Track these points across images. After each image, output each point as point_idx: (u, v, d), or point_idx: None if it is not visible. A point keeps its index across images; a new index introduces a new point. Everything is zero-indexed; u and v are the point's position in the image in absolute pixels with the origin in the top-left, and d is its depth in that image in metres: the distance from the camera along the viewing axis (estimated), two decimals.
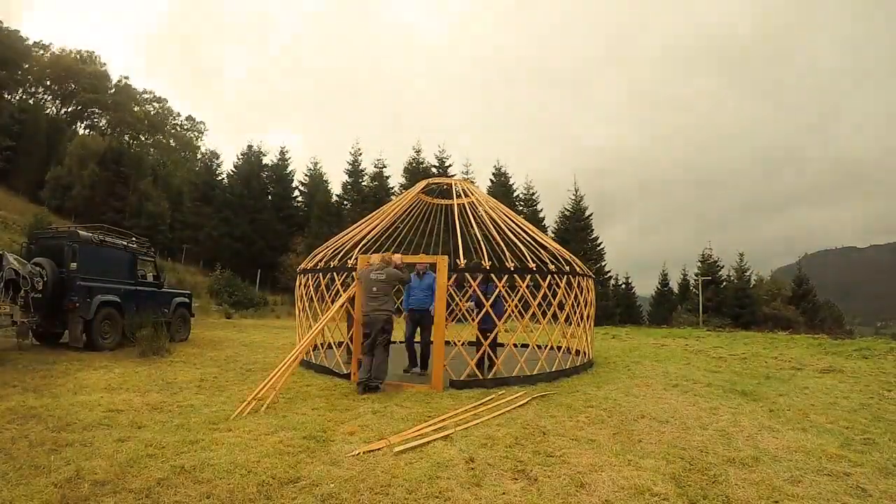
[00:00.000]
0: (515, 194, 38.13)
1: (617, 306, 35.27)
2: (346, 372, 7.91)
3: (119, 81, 65.82)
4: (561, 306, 8.60)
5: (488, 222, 9.39)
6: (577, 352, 9.54)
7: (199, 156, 59.58)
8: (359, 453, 4.38)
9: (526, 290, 8.13)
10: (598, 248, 37.32)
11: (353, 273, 7.92)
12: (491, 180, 38.81)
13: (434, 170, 37.98)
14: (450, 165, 38.75)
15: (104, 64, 65.20)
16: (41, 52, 59.97)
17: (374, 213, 10.40)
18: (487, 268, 7.80)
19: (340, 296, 7.82)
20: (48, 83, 58.86)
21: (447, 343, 7.62)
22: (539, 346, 8.63)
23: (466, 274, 7.88)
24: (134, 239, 11.72)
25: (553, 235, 35.41)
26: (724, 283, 37.78)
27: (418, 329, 8.38)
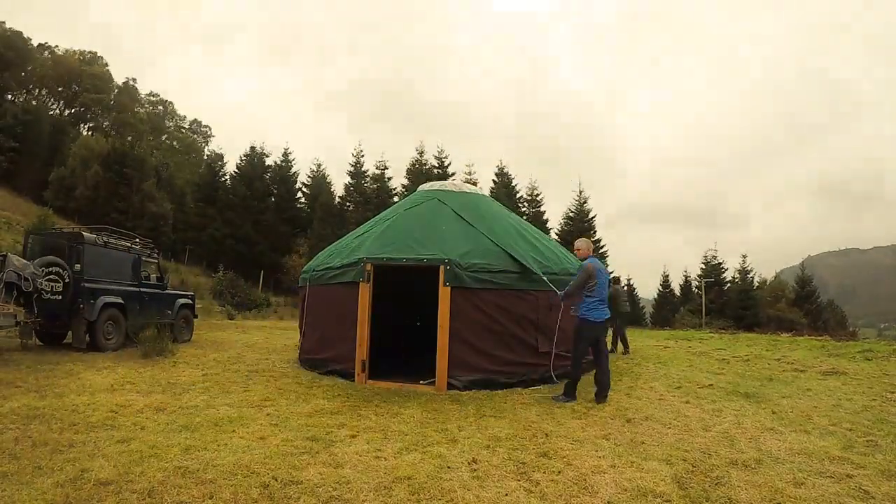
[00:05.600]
0: (518, 195, 38.12)
1: None
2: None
3: (124, 82, 66.17)
4: None
5: None
6: None
7: (204, 156, 59.78)
8: None
9: None
10: (602, 249, 37.30)
11: None
12: (493, 181, 38.84)
13: (436, 171, 38.04)
14: (449, 165, 38.81)
15: (106, 65, 65.48)
16: (44, 53, 60.27)
17: (377, 216, 10.43)
18: None
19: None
20: (51, 84, 59.13)
21: None
22: None
23: None
24: (137, 240, 11.75)
25: (557, 237, 35.41)
26: (728, 285, 37.73)
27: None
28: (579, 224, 37.07)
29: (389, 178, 39.19)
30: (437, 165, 38.75)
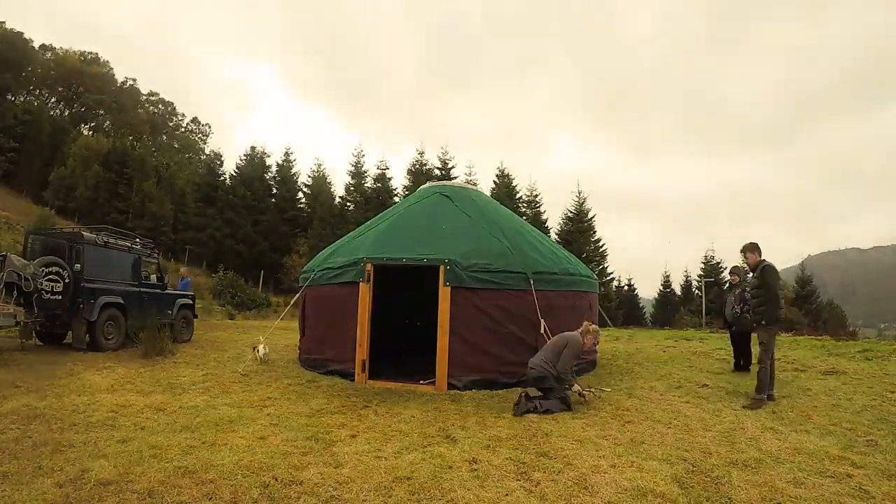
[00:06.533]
0: (518, 196, 38.11)
1: (619, 308, 35.23)
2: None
3: (124, 83, 66.20)
4: None
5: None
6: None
7: (203, 156, 59.78)
8: None
9: None
10: (601, 249, 37.29)
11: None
12: (494, 182, 38.83)
13: (437, 171, 38.04)
14: (453, 167, 38.81)
15: (109, 66, 65.55)
16: (45, 53, 60.29)
17: (378, 216, 10.44)
18: None
19: None
20: (52, 84, 59.16)
21: None
22: None
23: None
24: (137, 240, 11.75)
25: (556, 237, 35.41)
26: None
27: None
28: (578, 224, 37.07)
29: (390, 178, 39.23)
30: (439, 166, 38.75)
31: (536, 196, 38.61)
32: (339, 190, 41.67)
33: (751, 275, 7.61)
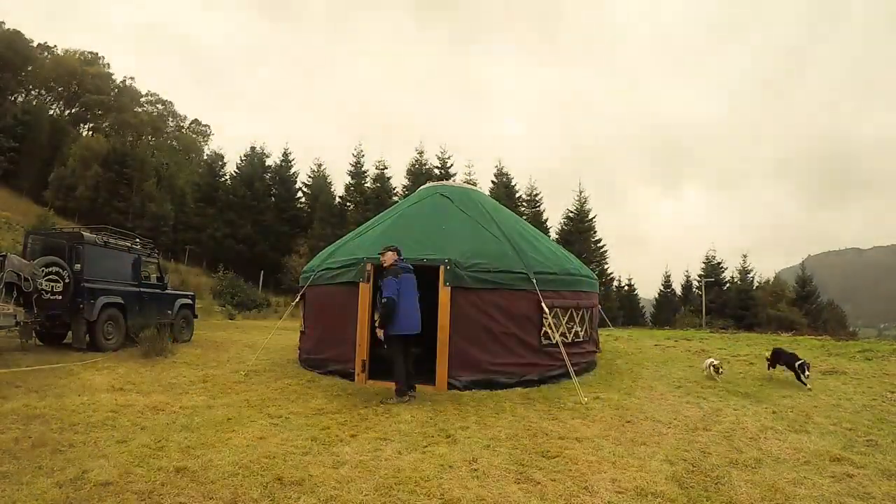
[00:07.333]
0: (518, 195, 38.13)
1: (620, 308, 35.25)
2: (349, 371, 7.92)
3: (123, 82, 66.21)
4: None
5: None
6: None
7: (204, 156, 59.74)
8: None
9: None
10: (602, 249, 37.30)
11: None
12: (493, 181, 38.85)
13: (437, 171, 38.07)
14: (451, 166, 38.84)
15: (108, 65, 65.57)
16: (45, 53, 60.30)
17: (378, 216, 10.44)
18: None
19: None
20: (52, 84, 59.15)
21: None
22: None
23: None
24: (137, 240, 11.75)
25: (556, 237, 35.43)
26: (728, 285, 37.76)
27: None
28: (579, 224, 37.08)
29: (389, 178, 39.25)
30: (438, 166, 38.78)
31: (536, 196, 38.67)
32: (339, 190, 41.73)
33: None
